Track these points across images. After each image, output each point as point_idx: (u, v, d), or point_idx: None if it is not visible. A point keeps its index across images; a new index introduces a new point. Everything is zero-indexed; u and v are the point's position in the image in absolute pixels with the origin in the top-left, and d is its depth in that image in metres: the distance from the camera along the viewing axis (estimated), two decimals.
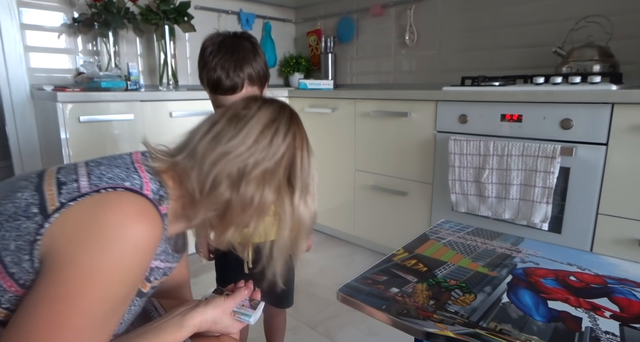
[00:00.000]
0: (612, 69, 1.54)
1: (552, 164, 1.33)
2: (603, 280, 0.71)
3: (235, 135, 0.59)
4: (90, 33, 2.09)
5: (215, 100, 0.89)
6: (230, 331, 0.67)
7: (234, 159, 0.58)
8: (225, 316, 0.65)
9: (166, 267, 0.65)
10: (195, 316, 0.62)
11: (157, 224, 0.54)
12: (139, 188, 0.56)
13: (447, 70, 2.24)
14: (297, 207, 0.62)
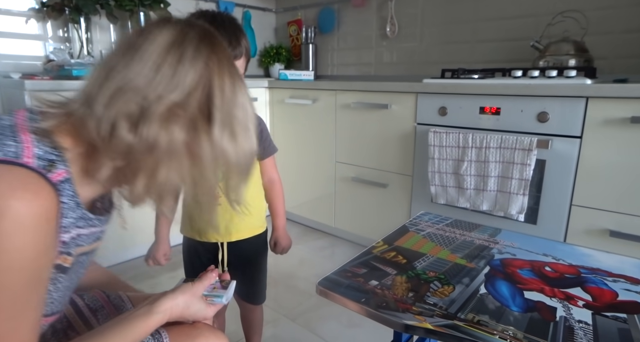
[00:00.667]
0: (586, 63, 1.57)
1: (529, 157, 1.35)
2: (576, 270, 0.73)
3: (130, 66, 0.49)
4: (61, 19, 2.00)
5: None
6: (205, 315, 0.65)
7: (131, 96, 0.48)
8: (195, 300, 0.63)
9: (92, 232, 0.59)
10: (165, 302, 0.60)
11: (42, 195, 0.46)
12: (13, 157, 0.46)
13: (428, 62, 2.25)
14: (217, 142, 0.52)
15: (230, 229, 0.99)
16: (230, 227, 0.98)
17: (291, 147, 2.29)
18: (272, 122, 2.37)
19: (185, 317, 0.63)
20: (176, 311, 0.61)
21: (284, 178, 1.12)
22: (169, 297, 0.61)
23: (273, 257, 1.12)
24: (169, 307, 0.60)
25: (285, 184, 2.42)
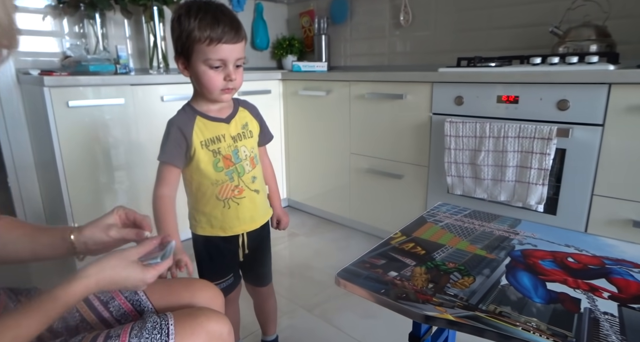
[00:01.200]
0: (609, 48, 1.53)
1: (548, 146, 1.33)
2: (601, 261, 0.72)
3: None
4: (77, 15, 2.02)
5: (217, 52, 0.83)
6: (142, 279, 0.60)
7: None
8: (126, 263, 0.60)
9: None
10: (91, 267, 0.57)
11: None
12: None
13: (443, 51, 2.21)
14: None
15: (255, 217, 1.01)
16: (255, 215, 1.01)
17: (305, 139, 2.29)
18: (286, 114, 2.37)
19: (119, 283, 0.59)
20: (104, 275, 0.58)
21: (298, 170, 1.14)
22: (95, 262, 0.58)
23: (288, 248, 1.14)
24: (94, 272, 0.57)
25: (300, 175, 2.44)
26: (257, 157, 1.00)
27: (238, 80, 0.88)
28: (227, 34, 0.82)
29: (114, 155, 1.75)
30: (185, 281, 0.81)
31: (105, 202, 1.76)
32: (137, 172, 1.83)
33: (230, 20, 0.84)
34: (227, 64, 0.85)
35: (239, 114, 0.98)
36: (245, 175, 0.96)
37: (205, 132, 0.91)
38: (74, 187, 1.66)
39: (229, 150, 0.93)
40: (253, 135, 0.99)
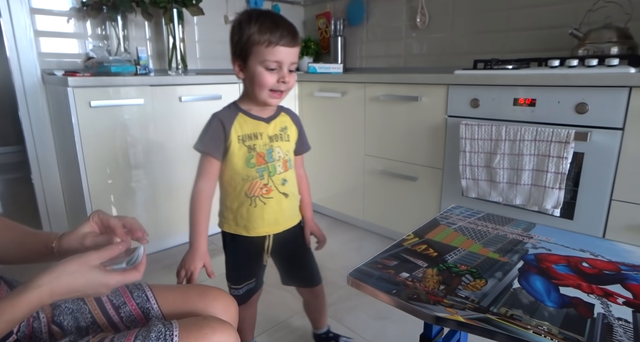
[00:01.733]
0: (630, 51, 1.50)
1: (566, 149, 1.31)
2: (616, 266, 0.71)
3: None
4: (99, 17, 2.08)
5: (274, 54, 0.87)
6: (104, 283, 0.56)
7: None
8: (85, 268, 0.55)
9: None
10: (45, 274, 0.52)
11: None
12: None
13: (459, 53, 2.20)
14: None
15: (280, 220, 1.02)
16: (280, 219, 1.02)
17: (320, 140, 2.30)
18: (301, 115, 2.39)
19: (78, 290, 0.55)
20: (59, 283, 0.53)
21: (312, 170, 1.15)
22: (51, 269, 0.53)
23: None
24: (47, 281, 0.52)
25: (314, 176, 2.45)
26: (291, 162, 1.02)
27: (290, 83, 0.91)
28: (284, 38, 0.87)
29: (133, 154, 1.80)
30: (201, 289, 0.80)
31: (124, 200, 1.81)
32: (154, 171, 1.87)
33: (288, 25, 0.89)
34: (282, 66, 0.89)
35: (280, 118, 1.01)
36: (276, 175, 0.98)
37: (245, 128, 0.95)
38: (94, 184, 1.71)
39: (263, 149, 0.96)
40: (290, 140, 1.01)
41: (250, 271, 1.08)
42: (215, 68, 2.58)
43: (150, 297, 0.75)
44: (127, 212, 1.82)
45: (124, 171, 1.79)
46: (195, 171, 0.98)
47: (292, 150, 1.03)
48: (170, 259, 1.94)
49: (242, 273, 1.07)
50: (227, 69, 2.62)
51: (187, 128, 1.94)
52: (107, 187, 1.75)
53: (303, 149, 1.08)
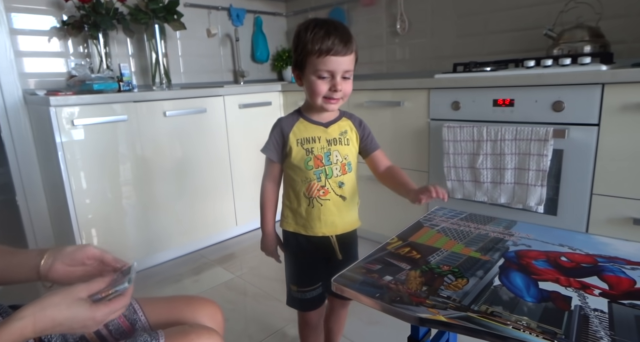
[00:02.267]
0: (602, 49, 1.54)
1: (545, 147, 1.33)
2: (593, 259, 0.72)
3: None
4: (81, 35, 2.08)
5: (326, 64, 0.89)
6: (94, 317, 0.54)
7: None
8: (70, 300, 0.53)
9: None
10: (29, 306, 0.51)
11: None
12: None
13: (440, 57, 2.24)
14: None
15: (337, 223, 1.01)
16: (337, 221, 1.01)
17: None
18: None
19: (62, 323, 0.52)
20: (43, 315, 0.51)
21: None
22: (35, 301, 0.52)
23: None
24: (30, 313, 0.50)
25: None
26: (351, 166, 1.01)
27: (345, 90, 0.93)
28: (335, 47, 0.88)
29: (121, 171, 1.79)
30: (188, 298, 0.82)
31: (114, 217, 1.80)
32: (144, 187, 1.87)
33: (341, 34, 0.89)
34: (335, 75, 0.90)
35: (340, 123, 1.02)
36: (333, 178, 0.98)
37: (303, 132, 0.99)
38: (81, 204, 1.70)
39: (321, 152, 0.97)
40: (350, 144, 1.01)
41: (311, 272, 1.06)
42: (200, 82, 2.59)
43: (138, 309, 0.76)
44: (118, 230, 1.81)
45: (113, 189, 1.78)
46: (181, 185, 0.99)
47: (354, 153, 1.02)
48: (161, 275, 1.92)
49: (302, 274, 1.07)
50: (212, 82, 2.63)
51: (174, 142, 1.94)
52: (96, 206, 1.74)
53: (372, 147, 1.05)
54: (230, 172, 2.19)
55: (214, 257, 2.08)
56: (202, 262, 2.03)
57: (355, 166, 1.03)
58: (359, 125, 1.04)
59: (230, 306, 1.59)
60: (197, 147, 2.03)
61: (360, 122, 1.05)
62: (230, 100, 2.13)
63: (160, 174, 1.92)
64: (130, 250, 1.86)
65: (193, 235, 2.09)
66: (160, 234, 1.96)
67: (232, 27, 2.71)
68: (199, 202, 2.07)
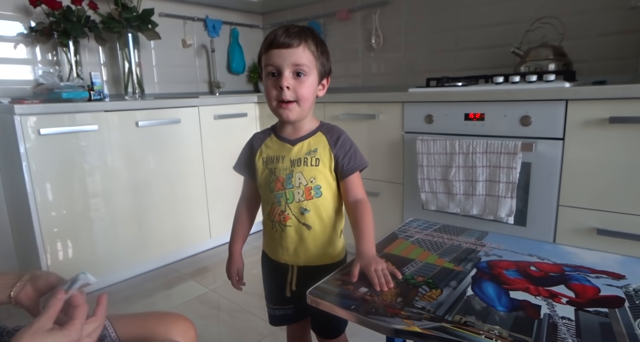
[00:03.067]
0: (565, 67, 1.62)
1: (514, 160, 1.38)
2: (560, 268, 0.75)
3: None
4: (50, 42, 2.02)
5: (269, 57, 0.82)
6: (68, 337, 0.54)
7: None
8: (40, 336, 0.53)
9: None
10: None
11: None
12: None
13: (413, 71, 2.29)
14: None
15: (300, 252, 0.90)
16: (300, 250, 0.90)
17: None
18: None
19: None
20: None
21: None
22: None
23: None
24: None
25: None
26: (320, 190, 0.87)
27: (298, 91, 0.83)
28: (278, 38, 0.81)
29: (89, 183, 1.73)
30: (160, 314, 0.80)
31: (81, 230, 1.73)
32: (113, 199, 1.81)
33: (289, 28, 0.83)
34: (281, 70, 0.81)
35: (312, 139, 0.90)
36: (294, 203, 0.87)
37: (270, 150, 0.92)
38: (46, 217, 1.63)
39: (283, 173, 0.88)
40: (320, 164, 0.87)
41: (277, 294, 0.98)
42: (174, 92, 2.56)
43: (108, 325, 0.73)
44: (85, 243, 1.74)
45: (81, 200, 1.71)
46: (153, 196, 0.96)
47: (325, 176, 0.88)
48: (131, 289, 1.86)
49: (269, 291, 1.02)
50: (187, 93, 2.60)
51: (145, 153, 1.90)
52: (62, 219, 1.67)
53: (346, 170, 0.88)
54: (205, 183, 2.15)
55: (187, 271, 2.02)
56: (174, 276, 1.98)
57: (330, 190, 0.89)
58: (335, 143, 0.89)
59: (203, 321, 1.54)
60: (171, 158, 1.99)
61: (338, 139, 0.90)
62: (205, 111, 2.11)
63: (132, 185, 1.87)
64: (98, 264, 1.79)
65: (165, 248, 2.04)
66: (131, 248, 1.90)
67: (208, 38, 2.71)
68: (171, 215, 2.03)
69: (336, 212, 0.92)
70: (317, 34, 0.88)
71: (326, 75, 0.90)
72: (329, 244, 0.91)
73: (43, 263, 1.64)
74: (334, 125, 0.94)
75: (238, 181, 1.04)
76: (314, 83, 0.86)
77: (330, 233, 0.91)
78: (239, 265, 1.01)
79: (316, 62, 0.85)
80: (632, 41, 1.62)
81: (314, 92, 0.87)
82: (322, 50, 0.86)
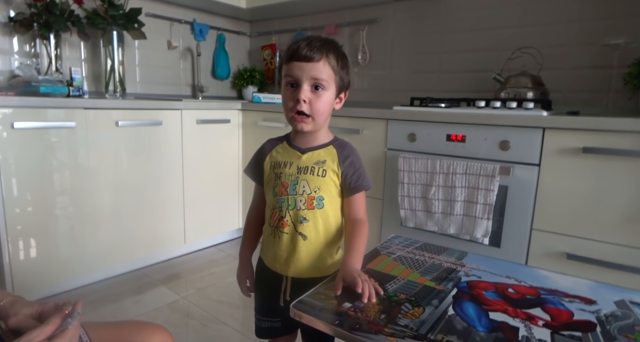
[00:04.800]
0: (542, 96, 1.69)
1: (492, 183, 1.42)
2: (537, 291, 0.77)
3: None
4: (29, 34, 1.96)
5: (290, 68, 0.83)
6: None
7: None
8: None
9: None
10: None
11: None
12: None
13: (397, 90, 2.34)
14: None
15: (291, 262, 0.88)
16: (292, 260, 0.88)
17: None
18: (245, 143, 2.38)
19: None
20: None
21: None
22: None
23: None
24: None
25: None
26: (322, 202, 0.87)
27: (314, 105, 0.83)
28: (300, 50, 0.81)
29: (58, 180, 1.67)
30: (138, 324, 0.78)
31: (46, 228, 1.66)
32: (84, 198, 1.75)
33: (312, 41, 0.82)
34: (300, 83, 0.82)
35: (322, 151, 0.90)
36: (294, 210, 0.87)
37: (279, 155, 0.92)
38: (10, 214, 1.55)
39: (288, 179, 0.88)
40: (326, 176, 0.87)
41: (267, 306, 0.97)
42: (156, 93, 2.52)
43: (83, 334, 0.70)
44: (50, 242, 1.67)
45: (48, 197, 1.65)
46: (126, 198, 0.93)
47: (330, 188, 0.87)
48: (98, 293, 1.79)
49: (258, 301, 0.99)
50: (169, 95, 2.56)
51: (122, 154, 1.85)
52: (27, 216, 1.60)
53: (352, 189, 0.88)
54: (183, 188, 2.11)
55: (158, 277, 1.97)
56: (144, 282, 1.91)
57: (332, 204, 0.88)
58: (344, 160, 0.89)
59: (173, 329, 1.49)
60: (150, 161, 1.95)
61: (349, 155, 0.90)
62: (187, 114, 2.09)
63: (107, 186, 1.81)
64: (64, 265, 1.72)
65: (136, 252, 1.98)
66: (99, 250, 1.83)
67: (195, 41, 2.69)
68: (145, 218, 1.97)
69: (336, 227, 0.91)
70: (340, 48, 0.88)
71: (345, 89, 0.91)
72: (321, 258, 0.90)
73: (5, 261, 1.56)
74: (347, 142, 0.95)
75: (217, 187, 1.03)
76: (331, 97, 0.87)
77: (325, 247, 0.90)
78: (249, 272, 1.01)
79: (335, 76, 0.85)
80: (603, 76, 1.71)
81: (330, 106, 0.88)
82: (342, 65, 0.87)
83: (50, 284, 1.72)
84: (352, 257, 0.81)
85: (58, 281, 1.74)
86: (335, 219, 0.91)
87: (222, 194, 2.25)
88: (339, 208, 0.91)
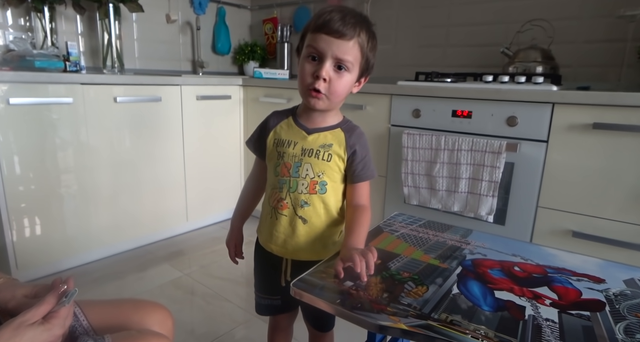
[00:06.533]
0: (552, 71, 1.64)
1: (498, 159, 1.39)
2: (543, 270, 0.76)
3: None
4: (22, 7, 1.90)
5: (316, 40, 0.76)
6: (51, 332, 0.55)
7: None
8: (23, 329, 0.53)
9: None
10: None
11: None
12: None
13: (402, 64, 2.28)
14: None
15: (289, 245, 0.87)
16: (290, 243, 0.87)
17: None
18: (246, 120, 2.34)
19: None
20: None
21: None
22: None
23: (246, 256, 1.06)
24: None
25: None
26: (325, 187, 0.84)
27: (333, 85, 0.78)
28: (333, 24, 0.74)
29: (61, 158, 1.65)
30: (136, 302, 0.77)
31: (50, 207, 1.65)
32: (86, 176, 1.73)
33: (347, 16, 0.75)
34: (323, 58, 0.76)
35: (329, 133, 0.85)
36: (295, 193, 0.84)
37: (284, 133, 0.87)
38: (13, 192, 1.54)
39: (291, 160, 0.84)
40: (331, 160, 0.83)
41: (266, 284, 0.97)
42: (155, 68, 2.46)
43: (79, 313, 0.69)
44: (54, 220, 1.67)
45: (51, 176, 1.63)
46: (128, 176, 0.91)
47: (334, 173, 0.84)
48: (101, 271, 1.80)
49: (257, 279, 0.99)
50: (169, 71, 2.51)
51: (123, 130, 1.82)
52: (30, 194, 1.59)
53: (357, 176, 0.85)
54: (184, 165, 2.09)
55: (161, 254, 1.98)
56: (147, 259, 1.93)
57: (335, 189, 0.86)
58: (351, 146, 0.84)
59: (177, 306, 1.51)
60: (149, 137, 1.92)
61: (357, 141, 0.86)
62: (187, 90, 2.04)
63: (107, 163, 1.79)
64: (68, 243, 1.72)
65: (139, 229, 1.98)
66: (103, 227, 1.84)
67: (194, 15, 2.61)
68: (147, 195, 1.96)
69: (337, 213, 0.88)
70: (372, 26, 0.81)
71: (367, 73, 0.85)
72: (322, 242, 0.88)
73: (8, 240, 1.56)
74: (356, 126, 0.89)
75: (218, 164, 1.01)
76: (352, 80, 0.81)
77: (325, 232, 0.87)
78: (238, 238, 1.02)
79: (362, 59, 0.80)
80: (617, 49, 1.65)
81: (348, 90, 0.83)
82: (372, 46, 0.81)
83: (53, 261, 1.73)
84: (352, 239, 0.78)
85: (61, 258, 1.75)
86: (337, 204, 0.88)
87: (224, 171, 2.23)
88: (341, 193, 0.88)
